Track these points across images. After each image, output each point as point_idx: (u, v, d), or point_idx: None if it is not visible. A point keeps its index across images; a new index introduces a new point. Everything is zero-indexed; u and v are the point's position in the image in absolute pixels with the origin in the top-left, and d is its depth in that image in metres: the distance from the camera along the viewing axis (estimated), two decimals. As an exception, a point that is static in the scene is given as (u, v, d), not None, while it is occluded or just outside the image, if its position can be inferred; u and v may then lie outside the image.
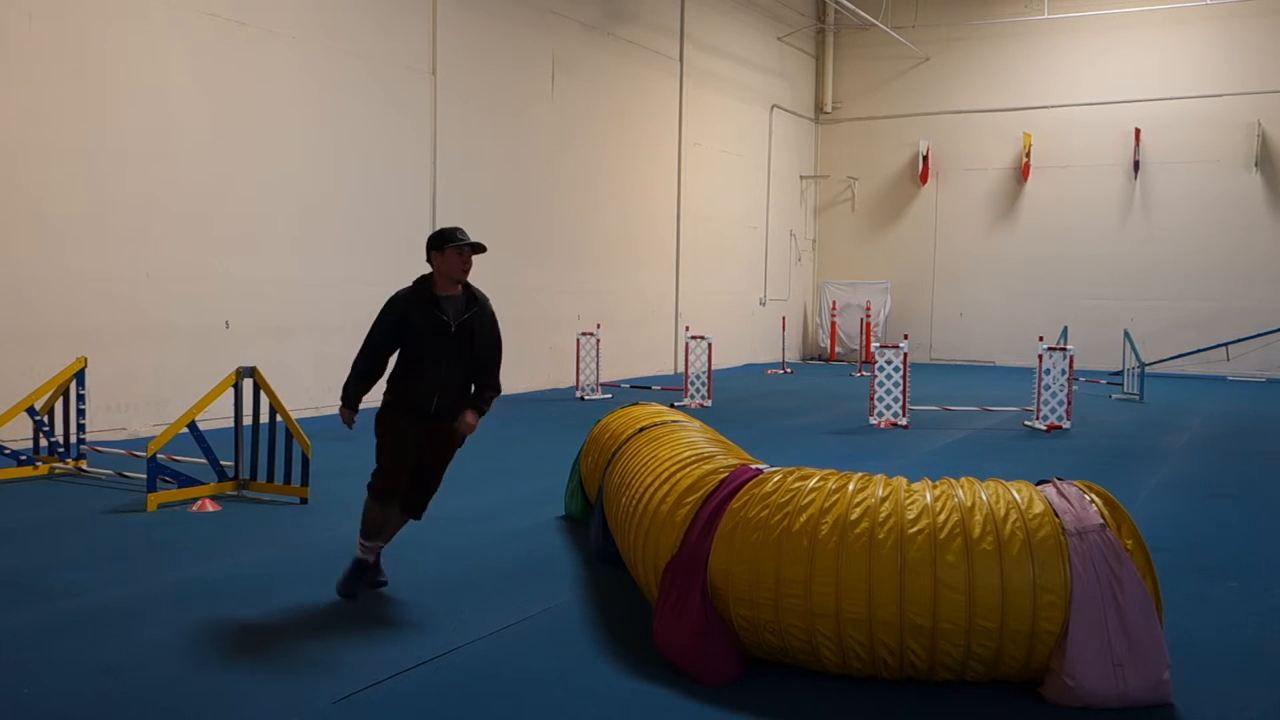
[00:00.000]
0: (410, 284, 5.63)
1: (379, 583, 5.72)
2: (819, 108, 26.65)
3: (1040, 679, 4.32)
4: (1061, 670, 4.19)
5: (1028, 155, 24.17)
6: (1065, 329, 18.65)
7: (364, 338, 5.65)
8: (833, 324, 25.56)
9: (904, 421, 13.17)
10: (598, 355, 16.16)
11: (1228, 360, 22.14)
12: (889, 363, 13.30)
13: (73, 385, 9.08)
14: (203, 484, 8.05)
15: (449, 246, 5.48)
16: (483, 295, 5.68)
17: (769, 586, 4.42)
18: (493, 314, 5.69)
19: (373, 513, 5.55)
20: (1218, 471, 10.36)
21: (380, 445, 5.57)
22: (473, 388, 5.64)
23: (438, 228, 5.61)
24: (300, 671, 4.55)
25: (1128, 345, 17.54)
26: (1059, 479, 4.65)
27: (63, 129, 10.52)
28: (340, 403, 5.62)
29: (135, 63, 11.13)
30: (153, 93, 11.30)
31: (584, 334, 16.26)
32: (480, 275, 18.98)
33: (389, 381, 5.65)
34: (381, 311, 5.62)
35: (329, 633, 5.06)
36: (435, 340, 5.47)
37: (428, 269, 5.58)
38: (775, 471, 4.83)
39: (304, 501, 7.96)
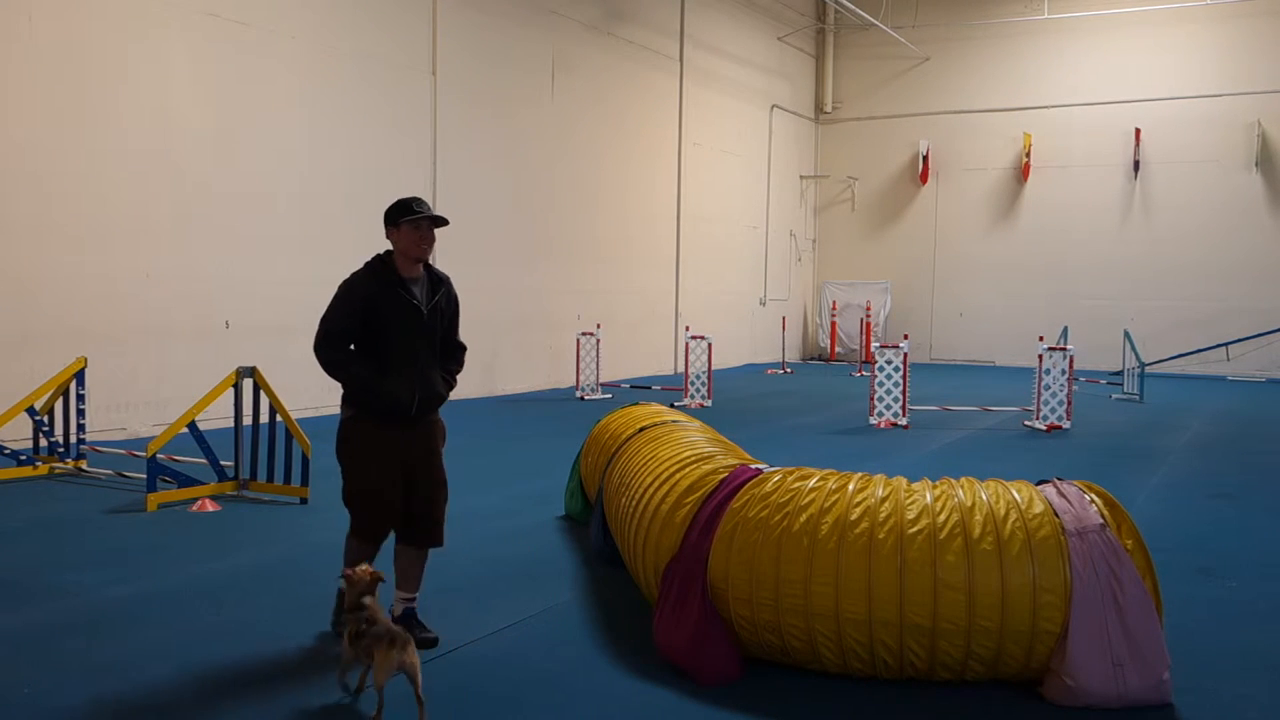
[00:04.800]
0: (362, 267, 4.79)
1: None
2: (819, 108, 26.66)
3: (1040, 679, 4.32)
4: (1061, 670, 4.19)
5: (1028, 155, 24.17)
6: (1065, 329, 18.64)
7: (318, 333, 4.69)
8: (833, 324, 25.55)
9: (904, 421, 13.16)
10: (598, 355, 16.16)
11: (1228, 360, 22.14)
12: (889, 363, 13.30)
13: (73, 385, 9.08)
14: (203, 484, 8.06)
15: (404, 221, 4.65)
16: (445, 275, 4.95)
17: (769, 586, 4.42)
18: (457, 295, 5.02)
19: (358, 555, 4.72)
20: (1218, 471, 10.36)
21: (353, 471, 4.72)
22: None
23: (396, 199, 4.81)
24: (301, 671, 4.54)
25: (1128, 345, 17.55)
26: (1059, 479, 4.65)
27: (63, 129, 10.52)
28: (368, 397, 4.68)
29: (135, 62, 11.13)
30: (153, 93, 11.30)
31: (584, 334, 16.27)
32: (481, 275, 18.86)
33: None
34: (339, 296, 4.72)
35: (330, 633, 5.05)
36: (409, 328, 4.69)
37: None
38: (775, 471, 4.82)
39: (304, 501, 7.95)
